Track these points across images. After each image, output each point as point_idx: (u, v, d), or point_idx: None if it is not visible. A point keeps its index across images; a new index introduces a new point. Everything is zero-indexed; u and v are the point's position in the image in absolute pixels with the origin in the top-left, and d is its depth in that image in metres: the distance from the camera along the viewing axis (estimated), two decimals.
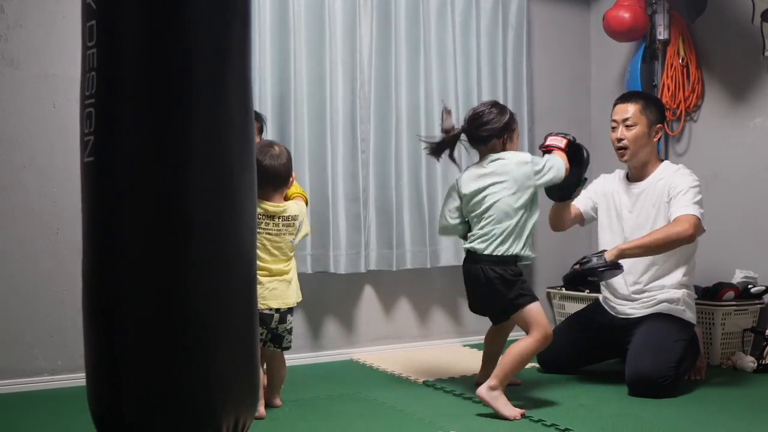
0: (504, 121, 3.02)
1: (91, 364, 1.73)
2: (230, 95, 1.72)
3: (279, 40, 3.82)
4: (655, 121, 3.32)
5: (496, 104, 3.10)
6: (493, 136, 3.01)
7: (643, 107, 3.31)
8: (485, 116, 3.02)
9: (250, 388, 1.78)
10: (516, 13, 4.56)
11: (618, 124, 3.33)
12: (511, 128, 3.04)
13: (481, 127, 3.02)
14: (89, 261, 1.73)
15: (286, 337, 2.86)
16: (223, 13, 1.70)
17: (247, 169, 1.76)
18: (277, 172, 2.80)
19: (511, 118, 3.05)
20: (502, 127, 3.01)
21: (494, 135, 3.01)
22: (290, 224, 2.83)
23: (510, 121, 3.04)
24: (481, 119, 3.02)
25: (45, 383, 3.31)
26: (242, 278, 1.76)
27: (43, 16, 3.38)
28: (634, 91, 3.57)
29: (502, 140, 3.02)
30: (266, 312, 2.73)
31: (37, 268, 3.34)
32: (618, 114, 3.35)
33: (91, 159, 1.68)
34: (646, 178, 3.34)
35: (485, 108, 3.06)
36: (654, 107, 3.35)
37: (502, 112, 3.04)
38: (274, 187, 2.81)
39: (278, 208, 2.81)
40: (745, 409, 2.84)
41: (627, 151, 3.31)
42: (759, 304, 3.74)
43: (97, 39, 1.66)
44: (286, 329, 2.84)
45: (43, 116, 3.37)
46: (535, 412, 2.77)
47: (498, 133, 3.01)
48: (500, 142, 3.02)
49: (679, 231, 3.09)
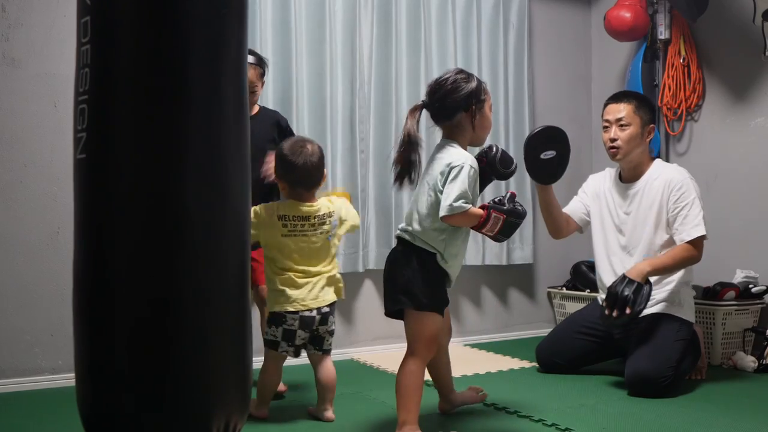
0: (471, 88, 2.46)
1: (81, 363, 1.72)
2: (225, 92, 1.71)
3: (280, 40, 3.83)
4: (648, 122, 3.31)
5: (461, 71, 2.53)
6: (460, 108, 2.46)
7: (637, 107, 3.30)
8: (449, 84, 2.46)
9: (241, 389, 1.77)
10: (517, 12, 4.56)
11: (611, 124, 3.32)
12: (479, 97, 2.47)
13: (445, 98, 2.46)
14: (81, 259, 1.73)
15: (327, 339, 2.72)
16: (218, 9, 1.69)
17: (242, 167, 1.76)
18: (310, 172, 2.63)
19: (479, 86, 2.48)
20: (469, 94, 2.45)
21: (460, 106, 2.46)
22: (324, 222, 2.68)
23: (478, 88, 2.47)
24: (445, 87, 2.46)
25: (46, 382, 3.32)
26: (235, 278, 1.75)
27: (44, 15, 3.39)
28: (626, 90, 3.56)
29: (470, 113, 2.47)
30: (307, 314, 2.63)
31: (37, 267, 3.34)
32: (610, 114, 3.33)
33: (84, 156, 1.68)
34: (640, 177, 3.33)
35: (450, 74, 2.50)
36: (646, 107, 3.34)
37: (469, 79, 2.48)
38: (306, 186, 2.67)
39: (312, 208, 2.68)
40: (746, 408, 2.83)
41: (620, 151, 3.30)
42: (760, 304, 3.74)
43: (92, 35, 1.66)
44: (328, 331, 2.71)
45: (44, 115, 3.37)
46: (536, 412, 2.76)
47: (464, 103, 2.45)
48: (468, 115, 2.47)
49: (694, 256, 3.16)
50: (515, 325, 4.67)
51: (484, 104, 2.50)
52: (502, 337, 4.56)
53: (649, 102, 3.43)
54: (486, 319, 4.53)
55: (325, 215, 2.69)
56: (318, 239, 2.67)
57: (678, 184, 3.21)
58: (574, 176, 4.83)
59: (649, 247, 3.25)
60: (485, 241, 4.41)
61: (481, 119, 2.50)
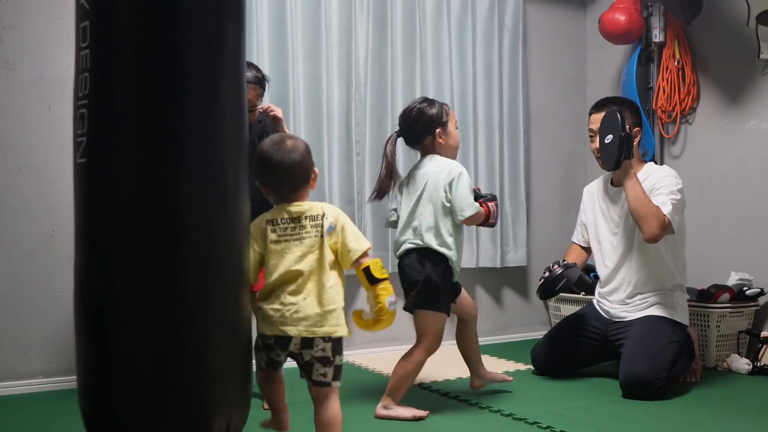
0: (431, 115, 2.88)
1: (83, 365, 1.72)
2: (224, 96, 1.71)
3: (276, 43, 3.83)
4: (633, 125, 3.29)
5: (424, 99, 2.98)
6: (426, 132, 2.90)
7: None
8: (413, 114, 2.90)
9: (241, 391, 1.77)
10: (512, 15, 4.57)
11: (595, 133, 3.32)
12: (441, 120, 2.89)
13: (412, 127, 2.91)
14: (81, 262, 1.72)
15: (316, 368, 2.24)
16: (216, 13, 1.69)
17: (241, 170, 1.76)
18: (292, 169, 2.24)
19: (439, 111, 2.90)
20: (430, 121, 2.88)
21: (425, 131, 2.90)
22: (319, 225, 2.24)
23: (438, 113, 2.89)
24: (409, 117, 2.91)
25: (39, 385, 3.31)
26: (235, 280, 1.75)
27: (39, 17, 3.38)
28: (608, 97, 3.54)
29: (436, 134, 2.89)
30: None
31: (32, 270, 3.33)
32: (594, 123, 3.33)
33: (84, 160, 1.68)
34: None
35: (413, 105, 2.94)
36: (628, 111, 3.31)
37: (429, 106, 2.91)
38: (291, 186, 2.26)
39: (301, 207, 2.25)
40: (740, 411, 2.84)
41: None
42: (754, 306, 3.75)
43: (91, 40, 1.65)
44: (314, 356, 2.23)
45: (39, 118, 3.36)
46: (531, 415, 2.76)
47: (427, 128, 2.89)
48: (436, 137, 2.89)
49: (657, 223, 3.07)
50: (510, 328, 4.67)
51: (447, 124, 2.93)
52: (497, 339, 4.57)
53: (631, 105, 3.41)
54: (481, 322, 4.48)
55: (318, 216, 2.27)
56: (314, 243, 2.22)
57: (661, 177, 3.23)
58: (569, 178, 4.87)
59: (642, 249, 3.26)
60: (480, 243, 4.42)
61: (447, 138, 2.93)
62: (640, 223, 3.11)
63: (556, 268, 3.29)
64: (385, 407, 2.81)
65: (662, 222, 3.08)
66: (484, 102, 4.46)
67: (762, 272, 3.78)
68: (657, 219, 3.07)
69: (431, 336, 2.83)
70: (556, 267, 3.29)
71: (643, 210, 3.08)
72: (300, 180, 2.29)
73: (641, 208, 3.08)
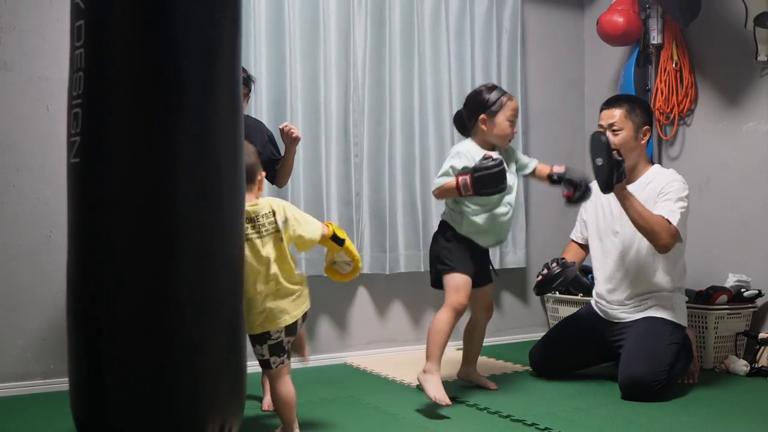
0: (479, 101, 3.03)
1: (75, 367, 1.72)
2: (219, 96, 1.71)
3: (274, 44, 3.83)
4: (642, 124, 3.31)
5: (488, 86, 3.11)
6: (472, 115, 3.05)
7: (628, 111, 3.30)
8: (469, 96, 3.10)
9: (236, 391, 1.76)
10: (510, 17, 4.57)
11: (604, 129, 3.32)
12: (485, 106, 3.01)
13: (465, 108, 3.10)
14: (74, 262, 1.72)
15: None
16: (212, 13, 1.69)
17: (235, 171, 1.76)
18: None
19: (491, 99, 3.01)
20: (475, 107, 3.04)
21: (470, 116, 3.05)
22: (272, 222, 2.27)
23: (486, 101, 3.02)
24: (468, 97, 3.10)
25: (38, 387, 3.31)
26: (229, 281, 1.75)
27: (36, 18, 3.38)
28: (619, 95, 3.56)
29: (480, 120, 3.02)
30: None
31: (29, 271, 3.33)
32: (604, 119, 3.34)
33: (78, 160, 1.68)
34: (635, 180, 3.33)
35: (478, 87, 3.11)
36: (639, 110, 3.34)
37: (484, 92, 3.05)
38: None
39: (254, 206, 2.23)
40: (738, 412, 2.84)
41: None
42: (752, 308, 3.74)
43: (85, 39, 1.65)
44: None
45: (36, 119, 3.36)
46: (529, 416, 2.76)
47: (472, 113, 3.04)
48: (480, 123, 3.03)
49: (664, 233, 3.08)
50: (508, 329, 4.67)
51: (496, 114, 3.01)
52: (495, 340, 4.56)
53: (642, 103, 3.43)
54: None
55: (269, 213, 2.28)
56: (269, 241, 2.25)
57: (669, 182, 3.23)
58: None
59: (642, 250, 3.25)
60: None
61: (491, 126, 3.02)
62: (650, 238, 3.11)
63: (554, 267, 3.28)
64: (424, 371, 2.89)
65: (671, 232, 3.09)
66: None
67: (760, 274, 3.77)
68: (665, 230, 3.08)
69: (448, 293, 2.97)
70: (555, 265, 3.28)
71: (648, 225, 3.08)
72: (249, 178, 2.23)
73: (646, 224, 3.08)
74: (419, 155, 4.19)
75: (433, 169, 4.21)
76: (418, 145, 4.19)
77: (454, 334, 4.37)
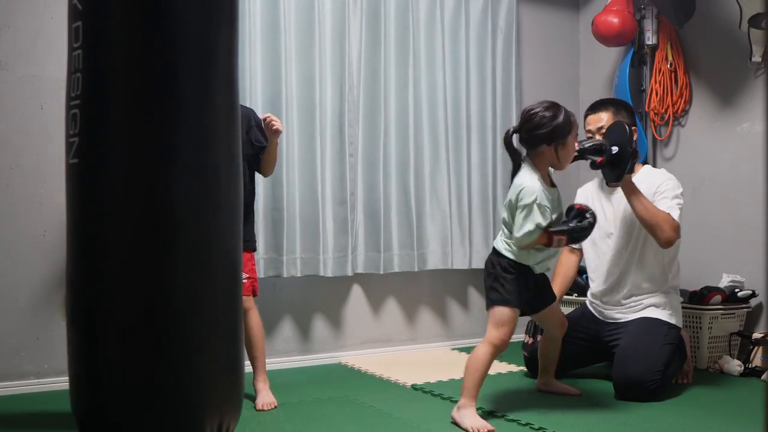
0: (554, 126, 2.74)
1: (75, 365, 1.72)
2: (216, 97, 1.71)
3: (269, 44, 3.82)
4: (629, 125, 3.31)
5: (551, 105, 2.80)
6: (542, 142, 2.76)
7: (615, 113, 3.32)
8: (536, 118, 2.75)
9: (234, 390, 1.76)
10: (505, 17, 4.57)
11: (593, 134, 3.32)
12: (562, 134, 2.76)
13: (531, 131, 2.76)
14: (73, 263, 1.72)
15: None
16: (209, 14, 1.69)
17: (233, 172, 1.75)
18: None
19: (564, 122, 2.76)
20: (552, 132, 2.74)
21: (542, 140, 2.75)
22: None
23: (562, 125, 2.75)
24: (532, 122, 2.76)
25: (31, 386, 3.30)
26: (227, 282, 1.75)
27: (31, 17, 3.37)
28: (602, 99, 3.55)
29: (553, 147, 2.76)
30: None
31: (23, 271, 3.32)
32: (592, 124, 3.35)
33: (76, 161, 1.67)
34: None
35: (539, 108, 2.78)
36: (624, 111, 3.35)
37: (554, 116, 2.76)
38: None
39: None
40: (732, 412, 2.85)
41: None
42: (746, 308, 3.76)
43: (83, 40, 1.65)
44: None
45: (31, 118, 3.35)
46: (523, 416, 2.77)
47: (547, 138, 2.75)
48: (551, 149, 2.77)
49: (669, 228, 3.08)
50: None
51: (567, 138, 2.79)
52: None
53: (626, 105, 3.43)
54: (473, 323, 4.53)
55: None
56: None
57: (664, 181, 3.24)
58: (562, 181, 4.86)
59: (637, 251, 3.26)
60: (473, 245, 4.41)
61: (563, 152, 2.80)
62: (653, 231, 3.11)
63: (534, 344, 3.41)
64: (458, 407, 2.74)
65: (674, 226, 3.10)
66: (477, 103, 4.46)
67: (754, 274, 3.79)
68: (669, 224, 3.09)
69: (489, 328, 2.80)
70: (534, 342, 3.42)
71: (653, 219, 3.08)
72: None
73: (651, 217, 3.08)
74: (414, 155, 4.19)
75: (428, 169, 4.21)
76: (413, 145, 4.19)
77: (451, 334, 4.43)
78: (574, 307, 3.98)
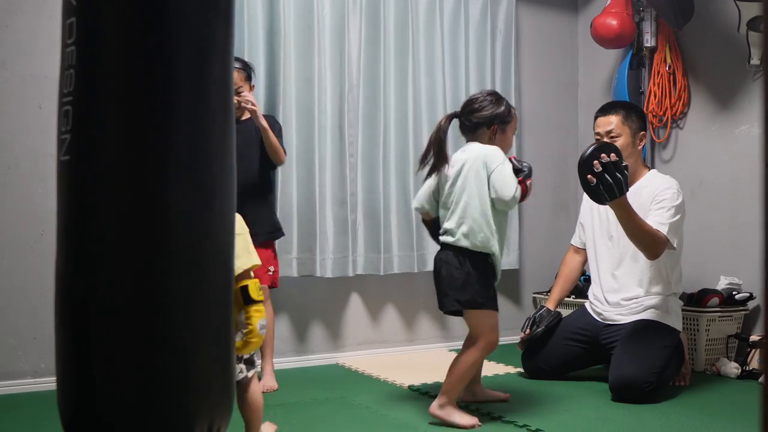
0: (496, 112, 2.82)
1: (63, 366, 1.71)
2: (211, 95, 1.70)
3: (268, 44, 3.83)
4: (638, 129, 3.33)
5: (493, 93, 2.92)
6: (482, 125, 2.82)
7: (625, 117, 3.32)
8: (477, 103, 2.84)
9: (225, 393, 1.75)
10: (504, 19, 4.58)
11: (602, 136, 3.33)
12: (503, 120, 2.84)
13: (471, 114, 2.84)
14: (64, 261, 1.71)
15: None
16: (205, 12, 1.68)
17: (227, 170, 1.74)
18: None
19: (506, 111, 2.85)
20: (493, 116, 2.81)
21: (483, 123, 2.82)
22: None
23: (504, 113, 2.84)
24: (473, 105, 2.85)
25: (28, 386, 3.30)
26: (220, 281, 1.74)
27: (30, 16, 3.37)
28: (614, 101, 3.57)
29: (491, 131, 2.83)
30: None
31: (21, 270, 3.32)
32: (601, 127, 3.35)
33: (67, 158, 1.66)
34: (631, 185, 3.33)
35: (481, 95, 2.88)
36: (635, 115, 3.36)
37: (497, 102, 2.85)
38: None
39: None
40: (729, 415, 2.85)
41: None
42: (743, 311, 3.76)
43: (77, 36, 1.64)
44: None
45: (29, 117, 3.36)
46: (520, 418, 2.76)
47: (487, 121, 2.81)
48: (490, 133, 2.83)
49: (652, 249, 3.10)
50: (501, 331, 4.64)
51: (506, 126, 2.86)
52: None
53: (637, 109, 3.45)
54: None
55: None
56: None
57: (665, 188, 3.24)
58: (560, 182, 4.87)
59: (638, 254, 3.26)
60: None
61: (501, 138, 2.85)
62: (641, 247, 3.13)
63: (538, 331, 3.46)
64: (440, 406, 2.71)
65: (664, 244, 3.11)
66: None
67: (751, 276, 3.78)
68: (657, 244, 3.09)
69: (484, 333, 2.75)
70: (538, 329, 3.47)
71: (642, 239, 3.09)
72: None
73: (640, 236, 3.08)
74: (414, 156, 4.19)
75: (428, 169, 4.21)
76: (413, 145, 4.19)
77: (448, 335, 4.42)
78: (572, 309, 3.98)
